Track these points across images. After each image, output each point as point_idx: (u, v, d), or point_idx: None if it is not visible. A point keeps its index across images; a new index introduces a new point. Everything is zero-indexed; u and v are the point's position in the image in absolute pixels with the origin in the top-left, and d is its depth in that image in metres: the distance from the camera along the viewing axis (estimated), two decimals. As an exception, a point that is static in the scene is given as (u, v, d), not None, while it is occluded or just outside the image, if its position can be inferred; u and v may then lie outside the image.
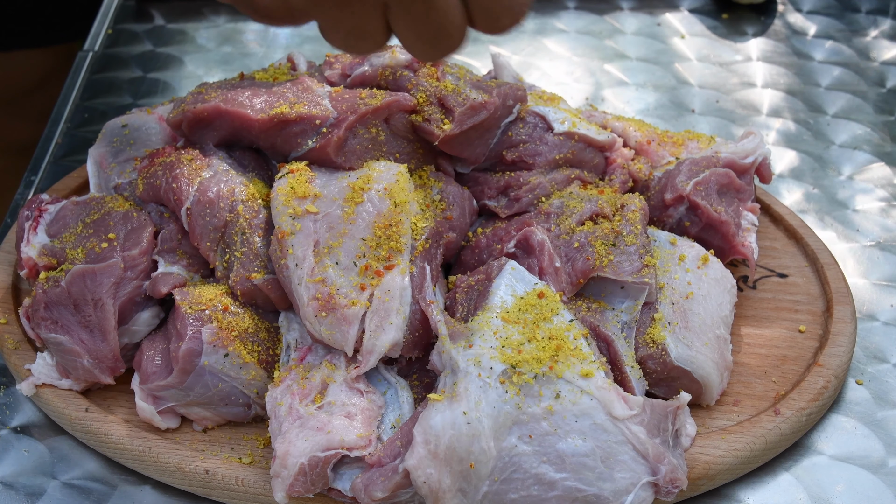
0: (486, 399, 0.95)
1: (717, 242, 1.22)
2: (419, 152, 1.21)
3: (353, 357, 1.05)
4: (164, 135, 1.29)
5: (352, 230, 1.07)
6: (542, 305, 1.03)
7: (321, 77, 1.29)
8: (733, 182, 1.25)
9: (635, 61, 1.80)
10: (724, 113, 1.66)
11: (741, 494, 1.06)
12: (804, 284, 1.27)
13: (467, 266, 1.18)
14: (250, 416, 1.11)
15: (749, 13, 1.92)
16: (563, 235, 1.13)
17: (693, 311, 1.11)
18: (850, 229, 1.41)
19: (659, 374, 1.08)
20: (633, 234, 1.12)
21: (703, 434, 1.07)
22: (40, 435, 1.12)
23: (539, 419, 0.95)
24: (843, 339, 1.17)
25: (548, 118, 1.24)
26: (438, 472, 0.93)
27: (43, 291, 1.11)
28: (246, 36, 1.86)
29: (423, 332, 1.07)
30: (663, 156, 1.31)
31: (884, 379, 1.19)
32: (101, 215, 1.18)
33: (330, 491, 1.00)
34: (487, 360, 0.97)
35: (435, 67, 1.22)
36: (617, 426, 0.96)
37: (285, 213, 1.09)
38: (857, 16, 1.91)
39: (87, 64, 1.76)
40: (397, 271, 1.06)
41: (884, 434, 1.12)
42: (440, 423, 0.94)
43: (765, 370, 1.16)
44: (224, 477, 1.04)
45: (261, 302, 1.12)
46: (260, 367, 1.08)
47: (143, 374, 1.09)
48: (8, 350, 1.16)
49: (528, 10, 0.88)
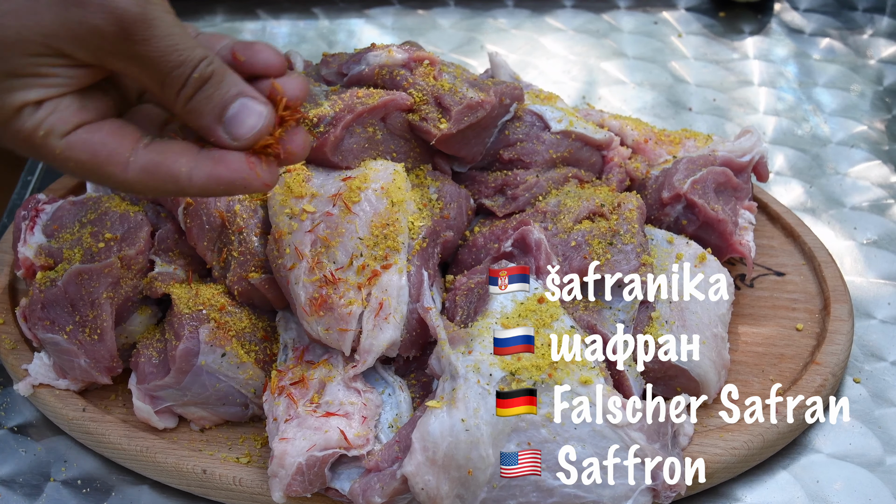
0: (484, 406, 0.95)
1: (715, 241, 1.22)
2: (416, 151, 1.21)
3: (350, 356, 1.05)
4: (161, 134, 1.29)
5: (349, 229, 1.07)
6: (541, 311, 1.03)
7: (318, 76, 1.29)
8: (730, 180, 1.25)
9: (632, 60, 1.80)
10: (722, 111, 1.66)
11: (739, 493, 1.07)
12: (801, 283, 1.27)
13: (465, 265, 1.18)
14: (248, 416, 1.11)
15: (746, 11, 1.92)
16: (560, 234, 1.13)
17: (690, 309, 1.11)
18: (847, 227, 1.41)
19: (656, 372, 1.08)
20: (630, 233, 1.12)
21: (700, 433, 1.07)
22: (37, 435, 1.12)
23: (538, 426, 0.95)
24: (840, 337, 1.17)
25: (545, 117, 1.24)
26: (436, 479, 0.93)
27: (40, 291, 1.11)
28: (243, 35, 1.86)
29: (421, 331, 1.07)
30: (660, 154, 1.31)
31: (881, 377, 1.19)
32: (98, 215, 1.18)
33: (328, 490, 1.00)
34: (487, 366, 0.97)
35: (432, 66, 1.21)
36: (616, 433, 0.96)
37: (282, 213, 1.09)
38: (854, 14, 1.91)
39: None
40: (394, 270, 1.06)
41: (881, 432, 1.12)
42: (438, 429, 0.94)
43: (762, 368, 1.16)
44: (222, 476, 1.04)
45: (258, 301, 1.12)
46: (257, 367, 1.08)
47: (141, 373, 1.08)
48: (5, 350, 1.16)
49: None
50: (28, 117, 0.82)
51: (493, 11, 1.92)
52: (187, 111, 0.85)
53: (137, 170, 0.84)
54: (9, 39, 0.81)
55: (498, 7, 1.93)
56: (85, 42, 0.81)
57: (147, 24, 0.81)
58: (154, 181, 0.85)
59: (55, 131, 0.83)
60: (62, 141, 0.83)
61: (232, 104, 0.85)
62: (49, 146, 0.83)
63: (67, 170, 0.85)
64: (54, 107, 0.83)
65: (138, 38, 0.81)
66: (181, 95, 0.84)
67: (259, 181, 0.86)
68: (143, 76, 0.84)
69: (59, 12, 0.80)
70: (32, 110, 0.83)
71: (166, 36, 0.82)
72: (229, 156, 0.86)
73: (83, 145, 0.84)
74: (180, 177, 0.85)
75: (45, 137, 0.83)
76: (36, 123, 0.83)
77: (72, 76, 0.83)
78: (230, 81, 0.85)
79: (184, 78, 0.83)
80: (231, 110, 0.85)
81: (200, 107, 0.85)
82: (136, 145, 0.85)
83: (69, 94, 0.84)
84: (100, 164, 0.84)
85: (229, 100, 0.85)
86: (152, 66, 0.82)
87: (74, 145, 0.84)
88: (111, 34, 0.80)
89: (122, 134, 0.85)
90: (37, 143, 0.83)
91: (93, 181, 0.88)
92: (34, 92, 0.82)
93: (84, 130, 0.84)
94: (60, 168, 0.85)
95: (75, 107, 0.84)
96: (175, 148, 0.85)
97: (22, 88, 0.82)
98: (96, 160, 0.84)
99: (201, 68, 0.83)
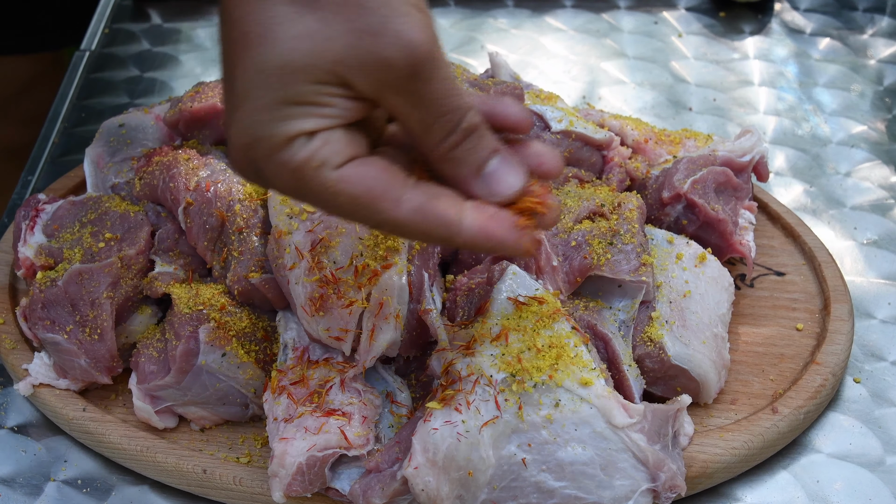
0: (485, 407, 0.95)
1: (715, 241, 1.22)
2: (416, 151, 1.21)
3: (350, 356, 1.05)
4: (161, 134, 1.29)
5: (349, 229, 1.07)
6: (542, 312, 1.03)
7: (318, 76, 1.28)
8: (731, 180, 1.25)
9: (632, 59, 1.80)
10: (722, 111, 1.66)
11: (739, 493, 1.07)
12: (801, 282, 1.27)
13: (465, 264, 1.18)
14: (248, 416, 1.11)
15: (746, 11, 1.92)
16: (560, 234, 1.13)
17: (690, 309, 1.11)
18: (847, 227, 1.41)
19: (656, 372, 1.08)
20: (630, 233, 1.12)
21: (700, 433, 1.07)
22: (38, 435, 1.12)
23: (538, 428, 0.95)
24: (840, 337, 1.17)
25: (545, 117, 1.24)
26: (437, 480, 0.93)
27: (40, 291, 1.11)
28: (243, 35, 1.86)
29: (421, 331, 1.07)
30: (661, 154, 1.31)
31: (881, 377, 1.19)
32: (98, 215, 1.18)
33: (328, 490, 1.00)
34: (488, 367, 0.97)
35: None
36: (617, 434, 0.96)
37: (282, 213, 1.09)
38: (854, 14, 1.91)
39: (83, 63, 1.75)
40: (395, 270, 1.06)
41: (881, 432, 1.12)
42: (439, 431, 0.94)
43: (762, 368, 1.16)
44: (222, 476, 1.04)
45: (258, 301, 1.12)
46: (257, 367, 1.08)
47: (141, 373, 1.08)
48: (5, 350, 1.16)
49: None
50: (300, 147, 0.79)
51: (493, 11, 1.92)
52: (448, 158, 0.83)
53: (410, 210, 0.82)
54: (296, 63, 0.77)
55: (498, 7, 1.93)
56: (371, 73, 0.78)
57: (435, 63, 0.79)
58: (426, 223, 0.82)
59: (329, 163, 0.80)
60: (335, 173, 0.80)
61: (491, 160, 0.84)
62: (321, 178, 0.80)
63: (336, 205, 0.82)
64: (327, 139, 0.80)
65: (424, 77, 0.78)
66: (447, 142, 0.82)
67: (523, 246, 0.85)
68: (413, 115, 0.81)
69: (352, 41, 0.77)
70: (305, 141, 0.79)
71: (446, 79, 0.80)
72: (501, 213, 0.84)
73: (359, 179, 0.81)
74: (451, 223, 0.82)
75: (318, 169, 0.80)
76: (309, 154, 0.79)
77: (346, 108, 0.80)
78: (490, 137, 0.84)
79: (453, 125, 0.81)
80: (490, 166, 0.84)
81: (463, 156, 0.83)
82: (405, 184, 0.82)
83: (339, 128, 0.81)
84: (374, 200, 0.81)
85: (489, 155, 0.84)
86: (428, 107, 0.80)
87: (349, 179, 0.81)
88: (400, 68, 0.78)
89: (392, 171, 0.82)
90: (307, 175, 0.80)
91: (358, 218, 0.83)
92: (311, 122, 0.79)
93: (356, 164, 0.81)
94: (326, 204, 0.82)
95: (345, 140, 0.81)
96: (443, 193, 0.83)
97: (299, 117, 0.79)
98: (371, 195, 0.81)
99: (469, 118, 0.82)
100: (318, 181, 0.80)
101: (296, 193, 0.82)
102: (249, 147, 0.80)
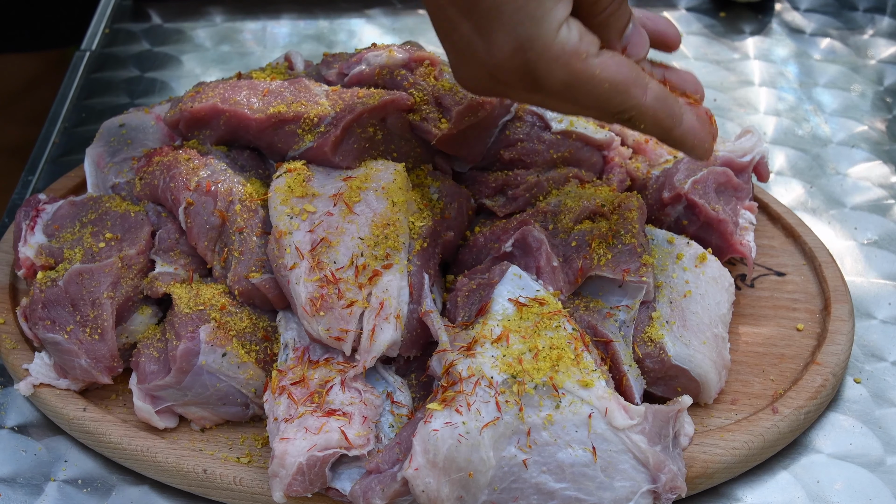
0: (485, 409, 0.95)
1: (715, 241, 1.22)
2: (416, 151, 1.21)
3: (350, 356, 1.05)
4: (162, 134, 1.29)
5: (350, 229, 1.07)
6: (543, 313, 1.03)
7: (318, 76, 1.29)
8: (731, 180, 1.25)
9: (633, 60, 1.79)
10: (722, 111, 1.66)
11: (739, 493, 1.07)
12: (802, 283, 1.27)
13: (465, 265, 1.18)
14: (248, 416, 1.11)
15: (746, 11, 1.92)
16: (560, 234, 1.13)
17: (691, 309, 1.11)
18: (847, 227, 1.41)
19: (657, 372, 1.08)
20: (630, 233, 1.12)
21: (701, 433, 1.07)
22: (38, 435, 1.12)
23: (539, 429, 0.95)
24: (840, 337, 1.17)
25: (545, 117, 1.24)
26: (437, 481, 0.93)
27: (40, 291, 1.11)
28: (243, 35, 1.86)
29: (421, 331, 1.07)
30: (661, 154, 1.31)
31: (882, 377, 1.19)
32: (99, 215, 1.18)
33: (328, 490, 1.00)
34: (488, 369, 0.97)
35: (433, 66, 1.21)
36: (617, 435, 0.96)
37: (283, 213, 1.09)
38: (854, 14, 1.92)
39: (84, 63, 1.75)
40: (395, 270, 1.06)
41: (882, 432, 1.12)
42: (439, 432, 0.94)
43: (763, 368, 1.16)
44: (222, 476, 1.04)
45: (258, 301, 1.12)
46: (258, 367, 1.08)
47: (141, 373, 1.08)
48: (6, 350, 1.16)
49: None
50: (567, 35, 0.85)
51: (494, 11, 1.92)
52: (604, 24, 0.91)
53: (653, 97, 0.90)
54: None
55: (498, 7, 1.93)
56: None
57: None
58: (662, 111, 0.91)
59: (591, 51, 0.87)
60: (597, 60, 0.87)
61: (629, 25, 0.94)
62: (589, 66, 0.87)
63: (596, 94, 0.88)
64: (577, 27, 0.87)
65: None
66: (609, 9, 0.90)
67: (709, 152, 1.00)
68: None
69: None
70: (567, 31, 0.86)
71: None
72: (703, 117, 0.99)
73: (616, 66, 0.88)
74: (676, 116, 0.92)
75: (587, 59, 0.86)
76: (576, 42, 0.86)
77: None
78: (627, 5, 0.93)
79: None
80: (629, 30, 0.94)
81: (614, 22, 0.91)
82: (645, 73, 0.90)
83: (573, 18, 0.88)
84: (629, 86, 0.89)
85: (629, 20, 0.93)
86: None
87: (608, 66, 0.88)
88: None
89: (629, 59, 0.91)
90: (578, 65, 0.86)
91: (610, 105, 0.91)
92: (562, 8, 0.85)
93: (607, 52, 0.89)
94: (587, 93, 0.88)
95: (585, 29, 0.88)
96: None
97: (556, 4, 0.85)
98: (627, 81, 0.88)
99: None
100: (588, 70, 0.87)
101: (565, 86, 0.88)
102: (520, 49, 0.86)
